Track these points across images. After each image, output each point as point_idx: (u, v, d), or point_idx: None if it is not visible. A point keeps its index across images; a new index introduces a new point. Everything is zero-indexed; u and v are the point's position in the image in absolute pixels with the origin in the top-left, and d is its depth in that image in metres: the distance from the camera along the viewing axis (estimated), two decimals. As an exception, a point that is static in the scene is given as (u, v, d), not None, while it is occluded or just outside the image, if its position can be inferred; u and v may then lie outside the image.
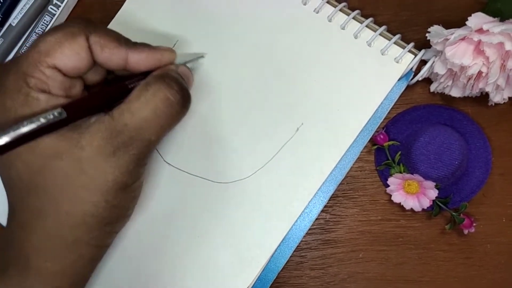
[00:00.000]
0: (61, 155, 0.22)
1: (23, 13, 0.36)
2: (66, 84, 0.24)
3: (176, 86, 0.25)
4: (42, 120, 0.21)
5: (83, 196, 0.23)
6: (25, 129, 0.21)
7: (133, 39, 0.35)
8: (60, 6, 0.36)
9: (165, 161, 0.32)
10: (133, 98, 0.24)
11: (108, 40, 0.24)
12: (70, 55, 0.23)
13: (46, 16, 0.36)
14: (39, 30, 0.36)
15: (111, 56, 0.25)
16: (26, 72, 0.23)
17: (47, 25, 0.36)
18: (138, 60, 0.25)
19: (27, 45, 0.36)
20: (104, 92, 0.25)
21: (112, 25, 0.35)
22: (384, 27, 0.31)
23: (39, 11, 0.36)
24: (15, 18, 0.36)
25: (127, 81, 0.25)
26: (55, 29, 0.24)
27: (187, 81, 0.27)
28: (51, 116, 0.22)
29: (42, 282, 0.24)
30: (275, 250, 0.30)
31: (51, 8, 0.36)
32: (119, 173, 0.23)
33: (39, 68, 0.23)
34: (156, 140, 0.25)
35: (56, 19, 0.36)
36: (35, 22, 0.36)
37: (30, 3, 0.36)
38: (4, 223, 0.34)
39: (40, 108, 0.22)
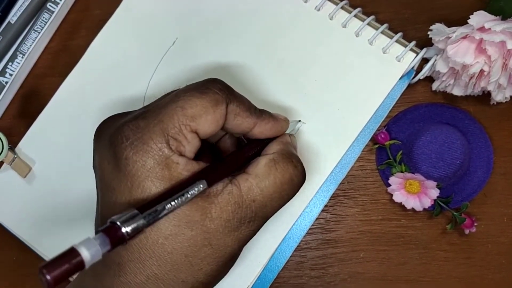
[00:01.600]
0: (193, 225, 0.22)
1: (22, 11, 0.36)
2: (198, 149, 0.24)
3: (301, 168, 0.25)
4: (189, 196, 0.21)
5: (203, 266, 0.23)
6: (174, 204, 0.20)
7: (133, 36, 0.35)
8: (58, 3, 0.36)
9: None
10: (262, 174, 0.23)
11: (243, 109, 0.24)
12: (211, 122, 0.23)
13: (45, 13, 0.36)
14: (37, 28, 0.36)
15: (241, 125, 0.25)
16: (171, 134, 0.22)
17: (46, 22, 0.36)
18: (263, 131, 0.25)
19: (25, 42, 0.36)
20: (233, 159, 0.25)
21: (111, 23, 0.35)
22: (385, 25, 0.31)
23: (38, 8, 0.36)
24: (14, 16, 0.36)
25: (246, 148, 0.26)
26: (200, 91, 0.23)
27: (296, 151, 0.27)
28: (196, 191, 0.21)
29: None
30: (275, 250, 0.30)
31: (50, 5, 0.36)
32: (237, 246, 0.23)
33: (183, 132, 0.22)
34: (272, 215, 0.25)
35: (54, 16, 0.36)
36: (34, 19, 0.36)
37: (29, 1, 0.36)
38: (6, 222, 0.34)
39: (177, 173, 0.22)
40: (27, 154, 0.34)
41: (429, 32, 0.30)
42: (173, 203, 0.20)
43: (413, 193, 0.31)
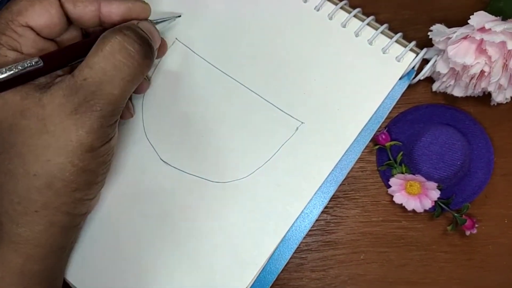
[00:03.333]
0: (25, 113, 0.23)
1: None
2: (39, 45, 0.24)
3: (134, 35, 0.24)
4: (20, 68, 0.22)
5: (49, 156, 0.23)
6: (2, 76, 0.22)
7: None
8: None
9: (162, 160, 0.31)
10: (91, 53, 0.24)
11: None
12: (41, 13, 0.24)
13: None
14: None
15: (85, 10, 0.25)
16: None
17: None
18: (110, 9, 0.26)
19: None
20: (76, 45, 0.25)
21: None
22: (385, 25, 0.31)
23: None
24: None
25: (89, 37, 0.26)
26: None
27: (151, 36, 0.27)
28: (29, 64, 0.22)
29: (15, 249, 0.24)
30: (274, 252, 0.30)
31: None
32: (83, 132, 0.23)
33: (11, 27, 0.23)
34: (120, 95, 0.24)
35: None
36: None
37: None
38: None
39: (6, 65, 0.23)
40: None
41: (429, 33, 0.30)
42: (3, 69, 0.22)
43: (413, 194, 0.31)
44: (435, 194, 0.30)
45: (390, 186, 0.31)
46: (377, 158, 0.33)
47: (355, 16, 0.31)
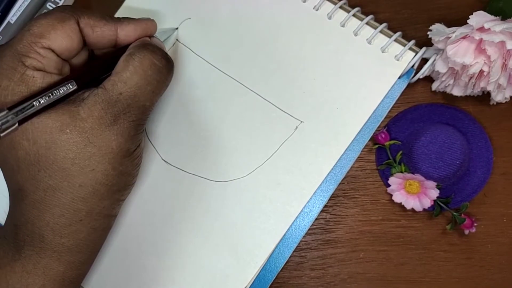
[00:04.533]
0: (65, 129, 0.23)
1: (21, 11, 0.36)
2: (58, 65, 0.25)
3: (160, 51, 0.26)
4: (59, 93, 0.23)
5: (93, 165, 0.24)
6: (42, 102, 0.23)
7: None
8: (58, 3, 0.36)
9: (163, 159, 0.32)
10: (121, 69, 0.25)
11: (97, 20, 0.26)
12: (63, 37, 0.25)
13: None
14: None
15: (103, 34, 0.26)
16: (21, 52, 0.24)
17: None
18: (127, 32, 0.27)
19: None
20: (102, 62, 0.26)
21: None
22: (384, 24, 0.31)
23: (38, 8, 0.36)
24: (13, 16, 0.36)
25: (111, 53, 0.27)
26: (45, 14, 0.25)
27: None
28: (65, 90, 0.23)
29: (58, 259, 0.25)
30: (274, 250, 0.30)
31: (49, 5, 0.36)
32: (122, 139, 0.24)
33: (34, 49, 0.24)
34: (150, 106, 0.26)
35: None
36: (34, 19, 0.36)
37: (29, 1, 0.36)
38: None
39: (37, 86, 0.23)
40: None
41: (428, 32, 0.30)
42: (41, 100, 0.23)
43: (413, 193, 0.31)
44: (434, 193, 0.30)
45: (389, 185, 0.31)
46: (376, 157, 0.33)
47: (354, 15, 0.31)
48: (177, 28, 0.33)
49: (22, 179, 0.24)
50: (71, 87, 0.24)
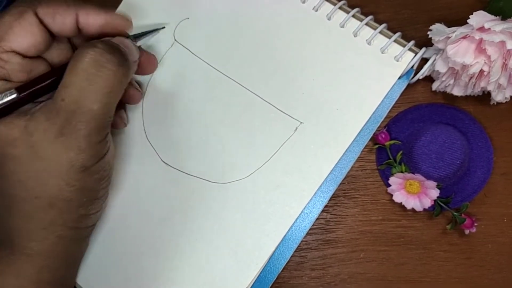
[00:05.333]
0: (14, 143, 0.23)
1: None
2: (27, 67, 0.24)
3: (102, 45, 0.23)
4: None
5: (45, 180, 0.23)
6: None
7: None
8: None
9: (162, 161, 0.32)
10: (66, 72, 0.23)
11: (56, 5, 0.24)
12: (23, 34, 0.23)
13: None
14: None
15: (64, 20, 0.24)
16: None
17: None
18: (87, 21, 0.25)
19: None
20: (51, 72, 0.25)
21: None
22: (384, 25, 0.31)
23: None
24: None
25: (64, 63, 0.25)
26: (2, 13, 0.24)
27: (126, 48, 0.26)
28: (5, 99, 0.22)
29: (29, 262, 0.25)
30: (274, 252, 0.30)
31: (49, 6, 0.36)
32: (72, 153, 0.23)
33: None
34: (100, 109, 0.23)
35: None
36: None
37: (29, 2, 0.36)
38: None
39: None
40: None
41: (429, 32, 0.29)
42: None
43: (413, 193, 0.31)
44: (435, 193, 0.30)
45: (389, 185, 0.31)
46: (376, 157, 0.33)
47: (353, 16, 0.31)
48: (163, 27, 0.32)
49: None
50: (9, 94, 0.22)
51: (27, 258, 0.25)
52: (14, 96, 0.22)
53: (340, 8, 0.32)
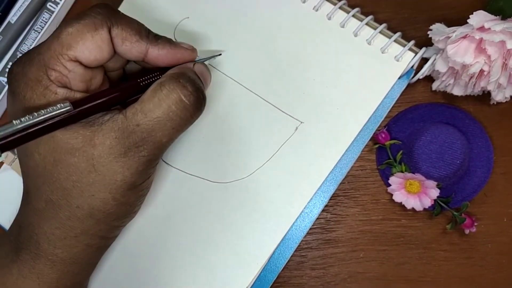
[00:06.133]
0: (74, 152, 0.23)
1: (22, 10, 0.36)
2: (87, 76, 0.24)
3: (191, 87, 0.24)
4: (48, 113, 0.21)
5: (93, 192, 0.23)
6: (35, 119, 0.21)
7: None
8: (59, 3, 0.36)
9: (163, 161, 0.32)
10: (146, 98, 0.24)
11: (130, 33, 0.24)
12: (92, 48, 0.23)
13: (45, 13, 0.36)
14: (38, 28, 0.36)
15: (131, 50, 0.25)
16: (48, 64, 0.23)
17: (46, 22, 0.36)
18: (157, 56, 0.25)
19: (26, 42, 0.36)
20: (116, 89, 0.25)
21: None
22: (384, 25, 0.31)
23: (38, 8, 0.36)
24: (14, 16, 0.36)
25: (140, 79, 0.25)
26: (77, 18, 0.23)
27: (204, 80, 0.27)
28: (58, 109, 0.22)
29: (51, 267, 0.25)
30: (274, 251, 0.30)
31: (50, 5, 0.36)
32: (128, 173, 0.23)
33: (61, 61, 0.23)
34: (167, 142, 0.24)
35: (54, 16, 0.36)
36: (34, 19, 0.36)
37: (29, 1, 0.36)
38: (4, 223, 0.34)
39: (55, 102, 0.22)
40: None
41: (429, 32, 0.30)
42: (22, 119, 0.21)
43: (413, 193, 0.31)
44: (435, 192, 0.30)
45: (389, 185, 0.31)
46: (376, 157, 0.33)
47: (353, 16, 0.31)
48: (220, 54, 0.32)
49: (30, 186, 0.25)
50: (63, 105, 0.22)
51: (51, 264, 0.25)
52: (67, 108, 0.22)
53: (340, 8, 0.32)
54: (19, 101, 0.23)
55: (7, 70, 0.36)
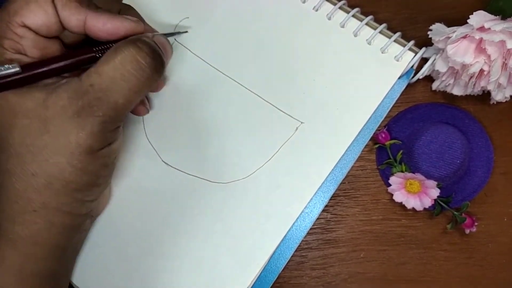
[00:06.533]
0: (27, 114, 0.23)
1: None
2: (41, 44, 0.24)
3: (147, 49, 0.24)
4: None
5: (47, 156, 0.23)
6: None
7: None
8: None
9: (163, 161, 0.32)
10: (102, 61, 0.24)
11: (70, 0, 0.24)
12: (37, 12, 0.24)
13: None
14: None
15: (70, 17, 0.24)
16: (0, 34, 0.23)
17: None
18: (96, 24, 0.25)
19: None
20: (68, 54, 0.25)
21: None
22: (384, 25, 0.31)
23: None
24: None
25: (96, 47, 0.25)
26: None
27: (164, 50, 0.27)
28: (6, 70, 0.22)
29: (13, 248, 0.24)
30: (275, 251, 0.30)
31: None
32: (82, 134, 0.23)
33: (11, 28, 0.23)
34: (124, 104, 0.24)
35: None
36: None
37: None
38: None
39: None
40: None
41: (429, 32, 0.30)
42: None
43: (413, 192, 0.31)
44: (435, 192, 0.30)
45: (390, 185, 0.31)
46: (377, 157, 0.33)
47: (353, 16, 0.31)
48: (186, 32, 0.32)
49: None
50: (11, 67, 0.22)
51: (11, 244, 0.24)
52: (16, 70, 0.22)
53: (340, 8, 0.32)
54: None
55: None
